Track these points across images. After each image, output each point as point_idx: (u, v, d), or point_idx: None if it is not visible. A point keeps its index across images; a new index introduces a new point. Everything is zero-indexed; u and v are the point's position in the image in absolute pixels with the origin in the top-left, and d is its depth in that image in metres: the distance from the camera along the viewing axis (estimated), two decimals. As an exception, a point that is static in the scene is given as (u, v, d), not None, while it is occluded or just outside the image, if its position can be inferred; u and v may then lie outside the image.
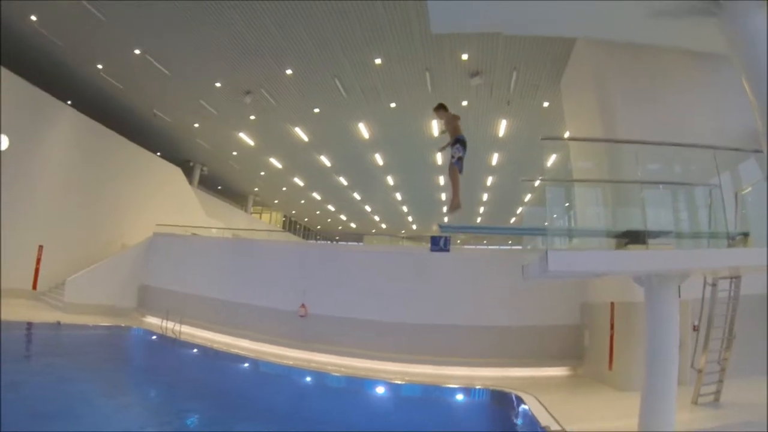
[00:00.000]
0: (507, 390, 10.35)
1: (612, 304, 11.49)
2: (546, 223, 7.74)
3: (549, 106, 18.33)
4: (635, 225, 6.31)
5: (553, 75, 16.10)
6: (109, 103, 22.63)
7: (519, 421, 8.78)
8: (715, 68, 10.48)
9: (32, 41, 17.58)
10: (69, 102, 21.11)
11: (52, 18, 16.07)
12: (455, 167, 7.91)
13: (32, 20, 16.15)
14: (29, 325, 14.51)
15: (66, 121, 20.71)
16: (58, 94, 20.04)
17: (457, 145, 7.98)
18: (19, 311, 15.57)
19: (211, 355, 14.50)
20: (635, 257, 5.82)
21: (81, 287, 18.36)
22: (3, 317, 13.76)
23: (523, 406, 9.03)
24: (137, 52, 17.54)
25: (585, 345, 13.51)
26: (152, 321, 17.89)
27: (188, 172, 30.76)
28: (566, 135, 16.63)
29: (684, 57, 10.93)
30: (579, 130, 14.73)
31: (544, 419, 7.57)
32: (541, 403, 8.84)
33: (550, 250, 5.70)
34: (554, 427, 7.08)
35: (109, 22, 15.73)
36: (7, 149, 17.63)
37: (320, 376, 12.63)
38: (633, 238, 6.09)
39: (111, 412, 8.69)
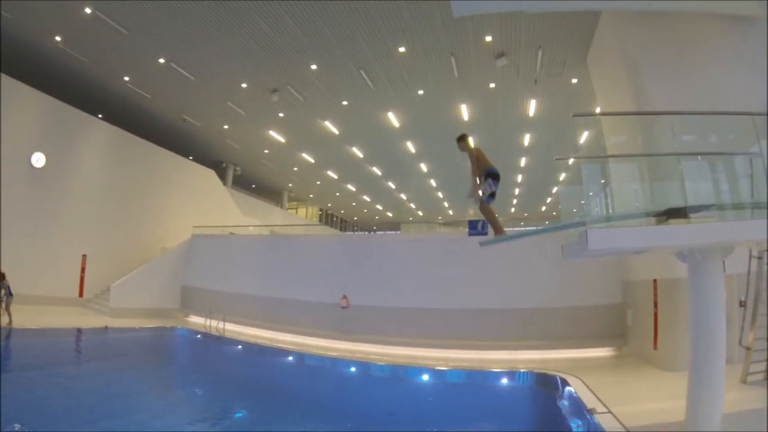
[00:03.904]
0: (551, 372, 10.29)
1: (655, 281, 11.22)
2: (582, 202, 7.56)
3: (578, 82, 17.88)
4: (674, 198, 6.11)
5: (580, 51, 15.66)
6: (139, 112, 23.17)
7: (564, 404, 8.67)
8: (745, 32, 10.05)
9: (59, 60, 18.21)
10: (100, 115, 21.91)
11: (76, 36, 16.56)
12: (486, 204, 7.29)
13: (57, 40, 16.72)
14: (79, 331, 15.03)
15: (99, 134, 21.51)
16: (88, 108, 20.79)
17: (489, 180, 7.21)
18: (68, 318, 16.24)
19: (256, 350, 14.77)
20: (676, 232, 5.61)
21: (125, 292, 18.98)
22: (54, 324, 14.61)
23: (568, 388, 8.95)
24: (161, 61, 17.87)
25: (628, 324, 13.26)
26: (196, 320, 18.32)
27: (221, 173, 31.19)
28: (597, 110, 16.27)
29: (712, 23, 10.50)
30: (610, 105, 14.36)
31: (589, 401, 7.49)
32: (586, 384, 8.74)
33: (590, 229, 5.56)
34: (600, 409, 6.99)
35: (132, 35, 16.10)
36: (45, 166, 18.41)
37: (365, 366, 12.72)
38: (675, 215, 5.91)
39: (161, 410, 8.94)
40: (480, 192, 7.27)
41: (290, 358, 14.04)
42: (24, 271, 16.47)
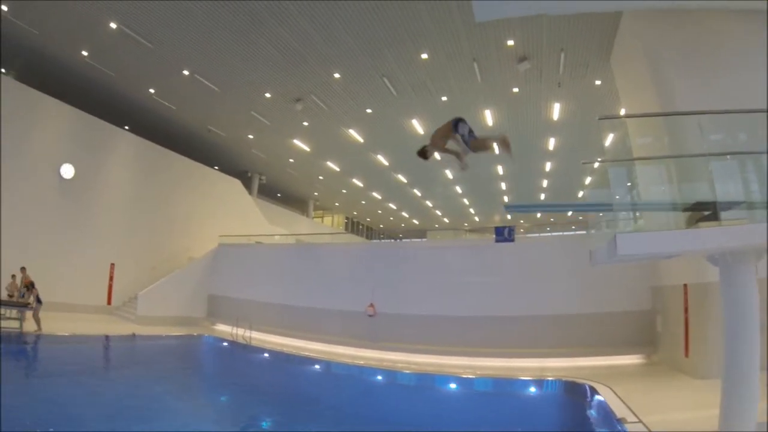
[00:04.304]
0: (580, 380, 10.07)
1: (685, 286, 10.93)
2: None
3: (601, 84, 17.62)
4: (704, 199, 5.97)
5: (603, 52, 15.46)
6: (165, 123, 23.72)
7: (593, 413, 8.49)
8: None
9: (86, 74, 18.80)
10: (126, 127, 22.43)
11: (102, 51, 17.08)
12: (474, 140, 7.07)
13: (84, 55, 17.29)
14: (107, 338, 15.33)
15: (126, 145, 22.04)
16: (115, 120, 21.36)
17: (460, 125, 7.04)
18: (96, 326, 16.57)
19: (282, 359, 14.78)
20: (708, 235, 5.44)
21: (152, 300, 19.30)
22: (83, 332, 14.95)
23: (597, 397, 8.77)
24: (186, 72, 18.27)
25: (658, 331, 12.94)
26: (223, 328, 18.42)
27: (247, 183, 31.54)
28: (622, 112, 16.02)
29: (736, 21, 10.23)
30: (635, 105, 14.10)
31: (619, 410, 7.30)
32: (615, 393, 8.54)
33: (619, 234, 5.44)
34: (630, 418, 6.81)
35: (156, 48, 16.49)
36: (73, 177, 18.96)
37: (392, 374, 12.65)
38: (703, 208, 5.74)
39: (187, 417, 8.97)
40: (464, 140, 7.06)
41: (317, 366, 14.02)
42: (54, 279, 16.94)
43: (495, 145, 7.44)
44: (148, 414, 8.57)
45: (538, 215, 43.50)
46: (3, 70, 17.64)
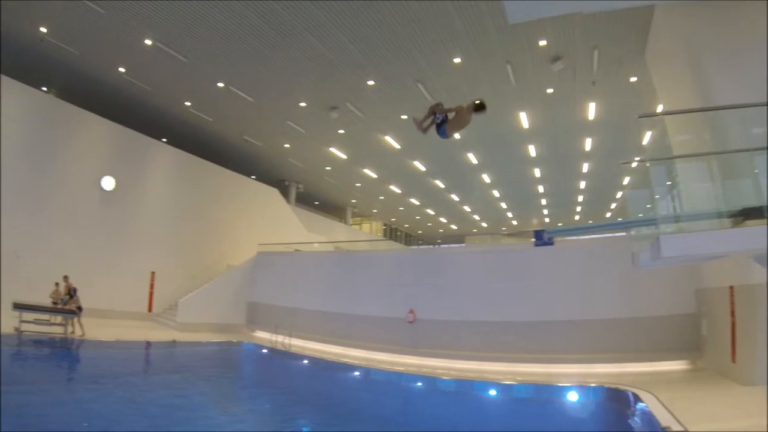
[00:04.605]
0: (622, 387, 9.78)
1: (731, 288, 10.49)
2: (648, 206, 7.20)
3: (637, 81, 17.21)
4: (748, 197, 5.72)
5: (637, 47, 15.05)
6: (201, 135, 24.30)
7: (637, 421, 8.21)
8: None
9: (124, 90, 19.48)
10: (164, 140, 23.14)
11: (139, 67, 17.67)
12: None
13: (121, 71, 17.92)
14: (147, 344, 15.82)
15: (164, 157, 22.76)
16: (153, 133, 22.06)
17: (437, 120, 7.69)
18: (137, 332, 17.12)
19: (322, 365, 14.82)
20: (754, 234, 5.22)
21: (192, 307, 19.73)
22: (124, 338, 15.46)
23: (640, 404, 8.47)
24: (221, 85, 18.66)
25: (703, 335, 12.46)
26: (262, 335, 18.65)
27: (284, 191, 31.96)
28: (659, 109, 15.58)
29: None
30: (672, 101, 13.62)
31: (664, 419, 7.01)
32: (659, 400, 8.23)
33: (663, 235, 5.27)
34: (676, 427, 6.54)
35: (191, 62, 16.92)
36: (114, 189, 19.70)
37: (431, 380, 12.57)
38: (750, 214, 5.52)
39: (225, 423, 9.01)
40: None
41: (357, 372, 14.03)
42: (95, 287, 17.52)
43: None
44: (186, 419, 8.66)
45: (576, 218, 42.88)
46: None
